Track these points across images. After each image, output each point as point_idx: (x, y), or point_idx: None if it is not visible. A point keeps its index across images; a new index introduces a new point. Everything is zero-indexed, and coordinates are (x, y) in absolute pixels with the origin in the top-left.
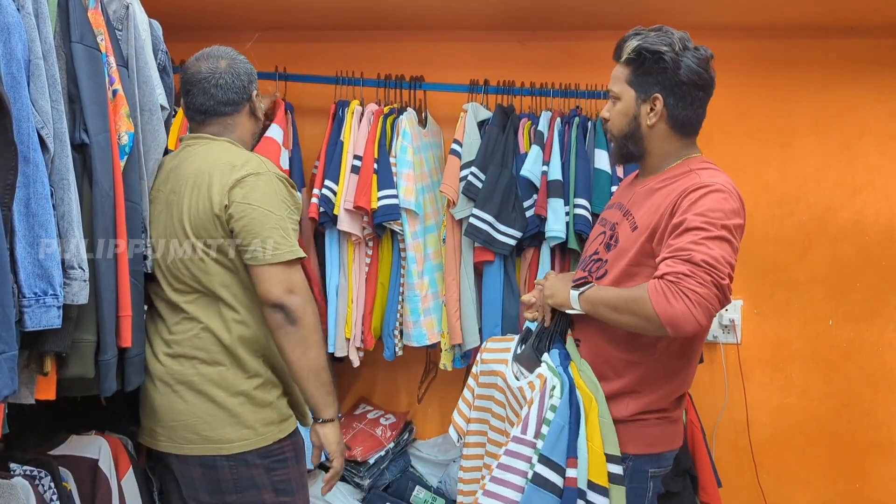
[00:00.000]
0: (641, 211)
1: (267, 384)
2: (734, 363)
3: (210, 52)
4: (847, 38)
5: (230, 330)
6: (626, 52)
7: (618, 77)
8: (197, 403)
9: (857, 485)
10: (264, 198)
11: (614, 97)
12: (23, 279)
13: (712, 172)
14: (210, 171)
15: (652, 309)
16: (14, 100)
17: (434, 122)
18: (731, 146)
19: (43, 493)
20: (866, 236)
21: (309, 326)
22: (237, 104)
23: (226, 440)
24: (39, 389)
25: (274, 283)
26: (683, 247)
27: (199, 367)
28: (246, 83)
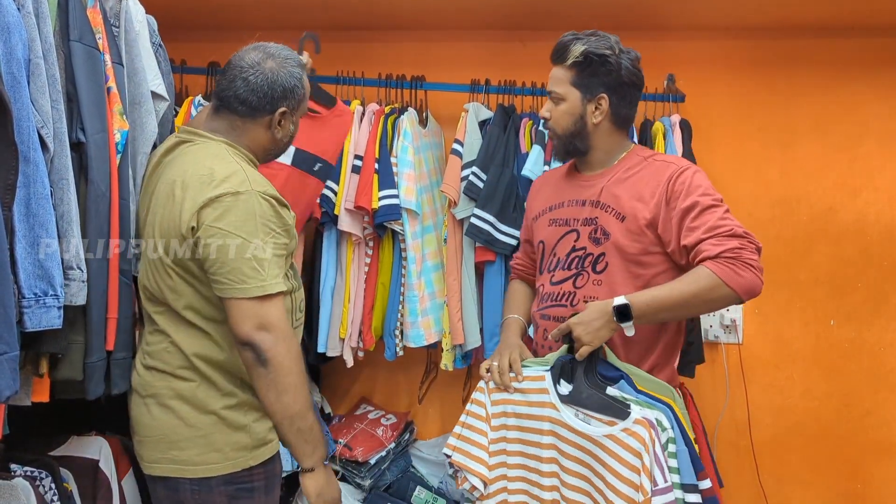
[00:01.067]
0: (619, 201)
1: (242, 406)
2: (735, 363)
3: (269, 47)
4: (848, 38)
5: (198, 350)
6: (573, 55)
7: (561, 79)
8: (163, 419)
9: (858, 485)
10: (239, 222)
11: (557, 98)
12: (23, 280)
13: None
14: (188, 182)
15: (727, 288)
16: (14, 99)
17: (435, 122)
18: (732, 146)
19: (44, 494)
20: (867, 236)
21: (282, 368)
22: (254, 110)
23: (191, 462)
24: (34, 391)
25: (242, 318)
26: (716, 224)
27: (170, 381)
28: (277, 96)
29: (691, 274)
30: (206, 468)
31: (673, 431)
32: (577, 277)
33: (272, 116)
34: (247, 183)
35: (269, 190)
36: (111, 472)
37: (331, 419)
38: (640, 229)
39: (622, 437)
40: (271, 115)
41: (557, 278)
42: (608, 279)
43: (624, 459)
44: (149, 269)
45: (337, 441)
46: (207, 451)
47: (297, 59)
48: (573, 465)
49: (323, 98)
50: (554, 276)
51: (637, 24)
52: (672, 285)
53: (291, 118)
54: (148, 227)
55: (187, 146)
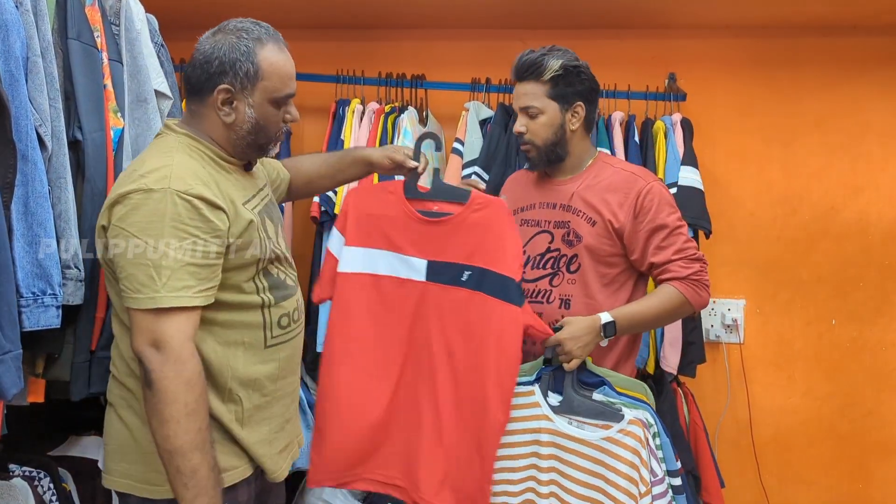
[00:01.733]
0: (589, 207)
1: None
2: (737, 363)
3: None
4: (850, 37)
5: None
6: (551, 70)
7: (536, 94)
8: (117, 429)
9: (860, 485)
10: (143, 223)
11: (535, 112)
12: (21, 279)
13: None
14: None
15: (690, 306)
16: (13, 97)
17: (435, 121)
18: (733, 145)
19: (42, 494)
20: (869, 235)
21: (165, 395)
22: (197, 91)
23: (136, 478)
24: (31, 392)
25: (136, 330)
26: (683, 247)
27: (120, 389)
28: (214, 72)
29: (663, 293)
30: (151, 489)
31: (657, 426)
32: (553, 277)
33: (212, 96)
34: (166, 180)
35: (195, 189)
36: None
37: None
38: (608, 234)
39: (620, 438)
40: (211, 95)
41: (531, 276)
42: (581, 278)
43: (623, 458)
44: None
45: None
46: (151, 471)
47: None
48: (573, 471)
49: (447, 194)
50: (526, 273)
51: (638, 23)
52: (648, 303)
53: (246, 100)
54: None
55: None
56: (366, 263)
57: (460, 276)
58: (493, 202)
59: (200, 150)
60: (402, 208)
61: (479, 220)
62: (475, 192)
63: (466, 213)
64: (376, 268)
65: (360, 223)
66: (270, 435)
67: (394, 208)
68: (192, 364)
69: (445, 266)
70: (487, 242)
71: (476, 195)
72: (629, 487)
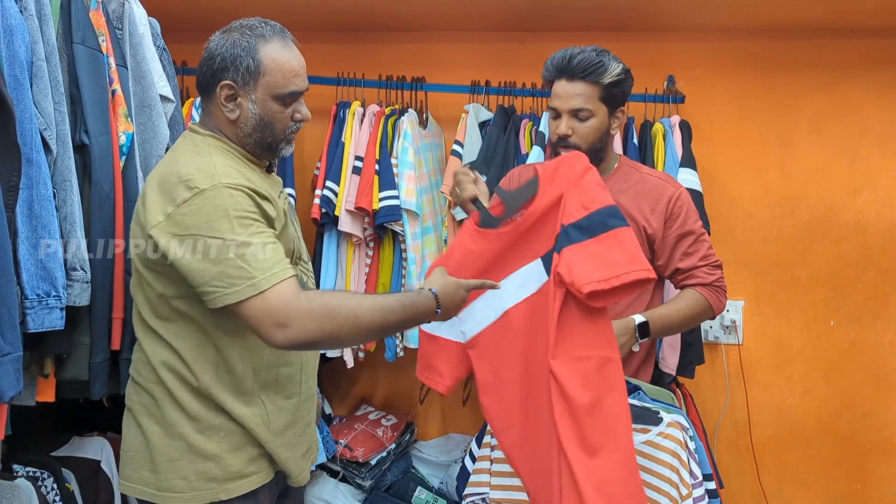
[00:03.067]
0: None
1: (213, 431)
2: (735, 364)
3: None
4: (848, 39)
5: (164, 361)
6: (612, 74)
7: (590, 96)
8: (137, 435)
9: (858, 486)
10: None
11: (587, 115)
12: (25, 281)
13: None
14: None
15: (713, 311)
16: (17, 101)
17: (435, 123)
18: (731, 147)
19: (46, 494)
20: (867, 237)
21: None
22: (205, 89)
23: (157, 486)
24: (39, 391)
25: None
26: (707, 254)
27: (142, 396)
28: (217, 68)
29: (689, 298)
30: (172, 496)
31: (691, 430)
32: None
33: (216, 93)
34: (214, 177)
35: (241, 182)
36: (113, 473)
37: (331, 420)
38: (640, 241)
39: (659, 441)
40: (216, 92)
41: None
42: None
43: (663, 461)
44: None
45: (338, 442)
46: (174, 478)
47: (259, 29)
48: None
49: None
50: None
51: (637, 26)
52: (677, 306)
53: (249, 96)
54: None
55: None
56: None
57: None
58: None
59: (228, 150)
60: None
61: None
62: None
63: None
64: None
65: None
66: (294, 438)
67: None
68: (315, 300)
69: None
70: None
71: (542, 169)
72: (670, 490)
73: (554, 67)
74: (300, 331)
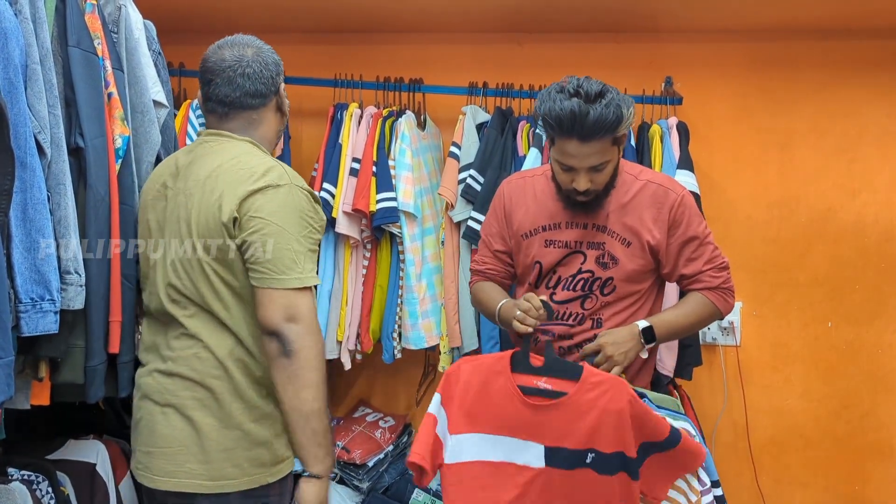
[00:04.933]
0: (625, 227)
1: (266, 419)
2: (733, 365)
3: (234, 39)
4: (846, 40)
5: (232, 354)
6: (626, 123)
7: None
8: (183, 430)
9: (856, 487)
10: (281, 212)
11: (602, 165)
12: (19, 284)
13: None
14: (224, 176)
15: (720, 312)
16: (11, 105)
17: (433, 125)
18: (729, 148)
19: (41, 498)
20: (866, 238)
21: (306, 362)
22: (264, 97)
23: (208, 476)
24: (34, 395)
25: (274, 308)
26: (712, 257)
27: (195, 390)
28: (274, 74)
29: (695, 302)
30: (224, 483)
31: (698, 437)
32: (584, 300)
33: (278, 95)
34: (286, 177)
35: (304, 185)
36: (108, 476)
37: (329, 421)
38: (642, 253)
39: None
40: (277, 95)
41: (561, 297)
42: (612, 299)
43: None
44: (180, 270)
45: (335, 443)
46: (227, 466)
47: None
48: None
49: (560, 370)
50: (555, 293)
51: (634, 27)
52: (682, 311)
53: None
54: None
55: (211, 145)
56: (479, 451)
57: (585, 459)
58: (608, 380)
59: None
60: (510, 389)
61: (596, 400)
62: (587, 369)
63: (581, 394)
64: (491, 454)
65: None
66: None
67: (503, 385)
68: (321, 336)
69: (566, 452)
70: (607, 426)
71: (589, 371)
72: (678, 498)
73: (562, 129)
74: (298, 335)
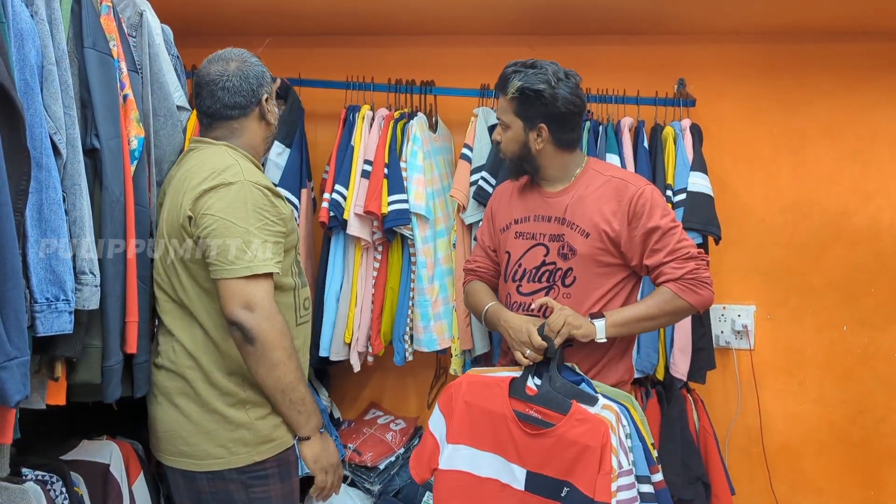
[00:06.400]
0: (584, 219)
1: (242, 404)
2: (747, 369)
3: (221, 54)
4: (860, 42)
5: (200, 347)
6: (511, 89)
7: (505, 109)
8: (173, 416)
9: (872, 492)
10: (229, 208)
11: (504, 125)
12: (35, 284)
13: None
14: (189, 179)
15: (688, 304)
16: (27, 105)
17: (444, 127)
18: (743, 151)
19: (55, 498)
20: (881, 241)
21: (268, 344)
22: (244, 108)
23: (198, 456)
24: (50, 395)
25: (230, 298)
26: (676, 248)
27: (176, 381)
28: (255, 87)
29: (657, 295)
30: (213, 462)
31: (630, 428)
32: (548, 291)
33: (260, 106)
34: (240, 174)
35: (262, 181)
36: (122, 477)
37: (340, 424)
38: (603, 244)
39: None
40: (259, 105)
41: (526, 289)
42: (576, 291)
43: None
44: (160, 270)
45: (346, 446)
46: (213, 447)
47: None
48: None
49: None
50: (521, 286)
51: (647, 29)
52: (641, 304)
53: (272, 100)
54: (160, 229)
55: (193, 153)
56: (470, 463)
57: (560, 492)
58: (592, 419)
59: (242, 154)
60: (506, 410)
61: (579, 437)
62: (576, 406)
63: (567, 428)
64: (480, 469)
65: (468, 418)
66: None
67: (499, 407)
68: (280, 318)
69: (545, 479)
70: (585, 461)
71: (576, 409)
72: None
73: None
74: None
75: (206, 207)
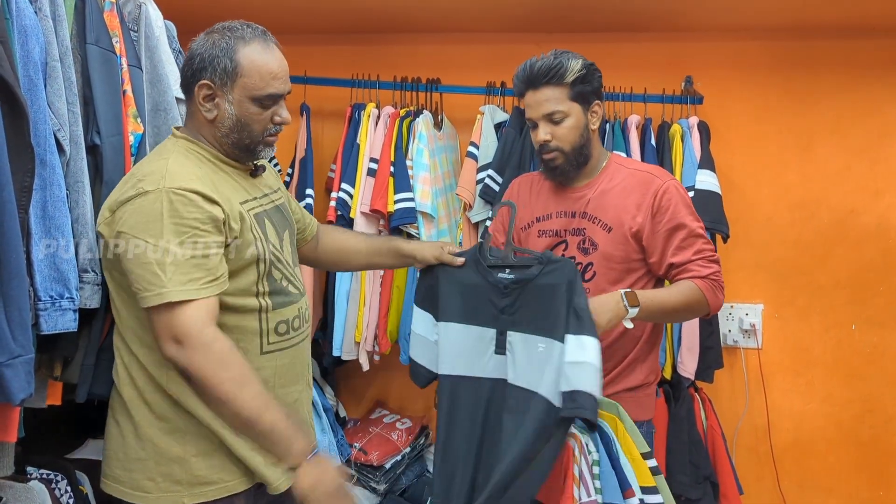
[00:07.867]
0: (607, 213)
1: (178, 433)
2: (755, 368)
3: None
4: (868, 39)
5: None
6: (573, 71)
7: (558, 98)
8: (113, 434)
9: (880, 492)
10: (142, 224)
11: (561, 117)
12: (39, 282)
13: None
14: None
15: (707, 304)
16: (31, 102)
17: (449, 125)
18: (750, 148)
19: (60, 497)
20: (890, 240)
21: (205, 381)
22: (186, 90)
23: (128, 485)
24: (49, 394)
25: (158, 332)
26: (702, 248)
27: (115, 397)
28: (195, 68)
29: (683, 286)
30: (140, 496)
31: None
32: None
33: (195, 93)
34: (161, 180)
35: (188, 184)
36: None
37: (346, 423)
38: (625, 239)
39: None
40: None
41: None
42: (595, 287)
43: None
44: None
45: (352, 445)
46: (142, 478)
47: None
48: None
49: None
50: None
51: (655, 27)
52: (669, 291)
53: (226, 97)
54: None
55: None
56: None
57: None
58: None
59: (197, 152)
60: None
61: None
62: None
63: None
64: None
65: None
66: None
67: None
68: (218, 344)
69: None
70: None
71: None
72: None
73: (519, 81)
74: (186, 357)
75: (120, 223)
